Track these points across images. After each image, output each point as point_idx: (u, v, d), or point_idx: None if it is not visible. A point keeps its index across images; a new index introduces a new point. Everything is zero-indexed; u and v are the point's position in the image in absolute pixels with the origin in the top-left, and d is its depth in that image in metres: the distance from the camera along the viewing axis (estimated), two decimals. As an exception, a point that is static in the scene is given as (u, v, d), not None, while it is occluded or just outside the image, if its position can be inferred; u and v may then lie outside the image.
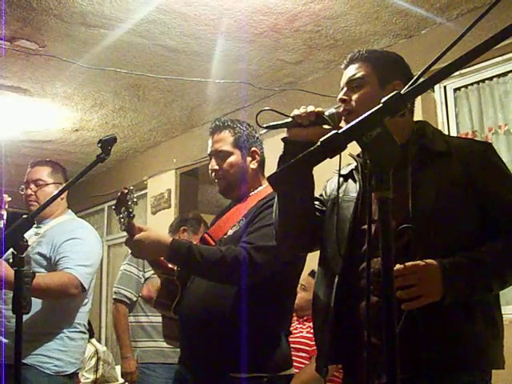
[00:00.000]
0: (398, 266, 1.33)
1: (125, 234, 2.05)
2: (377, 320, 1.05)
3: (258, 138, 2.20)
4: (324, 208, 1.71)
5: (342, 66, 1.68)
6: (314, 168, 1.58)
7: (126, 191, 1.93)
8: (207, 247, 2.01)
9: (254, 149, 2.16)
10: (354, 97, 1.59)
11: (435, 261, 1.37)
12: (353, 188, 1.63)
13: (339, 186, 1.65)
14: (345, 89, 1.62)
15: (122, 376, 3.61)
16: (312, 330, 2.97)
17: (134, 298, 3.59)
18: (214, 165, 2.14)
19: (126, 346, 3.52)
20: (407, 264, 1.34)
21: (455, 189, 1.48)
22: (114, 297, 3.63)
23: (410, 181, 1.47)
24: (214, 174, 2.14)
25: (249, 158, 2.15)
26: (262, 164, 2.20)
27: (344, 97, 1.60)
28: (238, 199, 2.18)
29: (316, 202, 1.71)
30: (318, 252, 1.74)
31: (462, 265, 1.39)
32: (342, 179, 1.67)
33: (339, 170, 1.60)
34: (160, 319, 3.45)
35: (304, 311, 3.12)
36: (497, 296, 1.51)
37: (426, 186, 1.48)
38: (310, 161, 0.93)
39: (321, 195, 1.76)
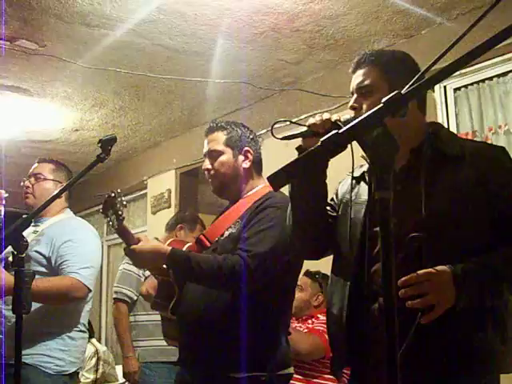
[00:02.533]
0: (410, 275, 1.33)
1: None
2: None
3: (252, 138, 2.21)
4: (335, 213, 1.70)
5: (350, 70, 1.64)
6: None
7: (113, 195, 1.94)
8: (205, 256, 2.02)
9: (246, 148, 2.17)
10: (365, 104, 1.55)
11: (447, 267, 1.36)
12: (364, 191, 1.62)
13: (352, 189, 1.64)
14: (355, 95, 1.59)
15: (124, 376, 3.59)
16: (309, 326, 2.99)
17: (135, 297, 3.59)
18: (206, 164, 2.17)
19: (128, 346, 3.51)
20: (419, 272, 1.33)
21: (469, 194, 1.47)
22: (115, 296, 3.61)
23: (424, 185, 1.47)
24: (206, 173, 2.17)
25: (241, 157, 2.16)
26: (257, 164, 2.20)
27: (355, 104, 1.57)
28: (233, 200, 2.18)
29: (327, 208, 1.70)
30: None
31: (473, 271, 1.38)
32: (354, 182, 1.66)
33: (352, 172, 1.55)
34: (156, 318, 3.48)
35: (302, 311, 3.12)
36: (507, 300, 1.49)
37: (440, 191, 1.47)
38: (310, 160, 0.93)
39: (332, 199, 1.74)
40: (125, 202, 1.95)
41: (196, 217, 3.82)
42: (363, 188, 1.63)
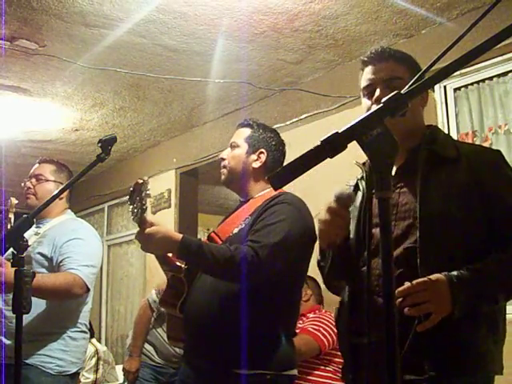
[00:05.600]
0: (406, 285, 1.34)
1: (124, 233, 2.05)
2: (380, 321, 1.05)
3: (275, 145, 2.24)
4: None
5: (366, 60, 1.63)
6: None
7: (141, 181, 1.92)
8: (217, 245, 2.02)
9: (261, 150, 2.21)
10: None
11: (442, 275, 1.36)
12: (359, 197, 1.65)
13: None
14: (379, 87, 1.57)
15: (123, 371, 3.76)
16: (299, 325, 3.02)
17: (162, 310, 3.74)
18: (223, 153, 2.26)
19: (137, 347, 3.67)
20: (416, 282, 1.34)
21: (463, 195, 1.48)
22: (151, 301, 3.75)
23: (419, 186, 1.48)
24: (221, 162, 2.26)
25: (253, 157, 2.20)
26: (270, 168, 2.21)
27: (382, 95, 1.51)
28: (243, 199, 2.22)
29: None
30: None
31: (469, 278, 1.38)
32: (353, 192, 1.68)
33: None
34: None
35: None
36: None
37: (435, 192, 1.48)
38: (311, 160, 0.93)
39: None
40: (149, 192, 1.93)
41: None
42: (359, 195, 1.66)
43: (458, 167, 1.51)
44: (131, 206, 1.95)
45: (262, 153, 2.20)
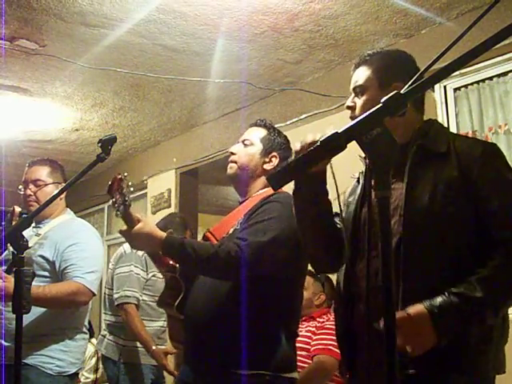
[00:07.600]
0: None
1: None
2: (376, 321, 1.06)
3: (285, 150, 2.22)
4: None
5: (351, 72, 1.67)
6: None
7: (120, 176, 1.92)
8: (201, 242, 2.03)
9: (274, 153, 2.20)
10: (358, 103, 1.59)
11: (423, 307, 1.34)
12: (358, 191, 1.65)
13: (353, 192, 1.69)
14: (352, 95, 1.63)
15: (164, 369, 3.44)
16: (311, 329, 3.01)
17: (140, 300, 3.61)
18: (233, 148, 2.23)
19: (149, 342, 3.39)
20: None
21: (451, 190, 1.46)
22: (127, 300, 3.53)
23: (406, 180, 1.48)
24: (231, 156, 2.23)
25: (265, 159, 2.19)
26: None
27: (350, 104, 1.61)
28: (243, 197, 2.21)
29: (336, 220, 1.69)
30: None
31: (452, 305, 1.35)
32: (356, 183, 1.70)
33: (337, 190, 1.54)
34: (153, 324, 3.51)
35: (303, 311, 3.12)
36: None
37: (421, 188, 1.48)
38: (310, 160, 0.93)
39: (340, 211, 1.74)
40: (131, 189, 1.93)
41: (185, 223, 3.81)
42: (359, 188, 1.66)
43: (447, 162, 1.49)
44: (112, 200, 1.96)
45: (274, 156, 2.20)
